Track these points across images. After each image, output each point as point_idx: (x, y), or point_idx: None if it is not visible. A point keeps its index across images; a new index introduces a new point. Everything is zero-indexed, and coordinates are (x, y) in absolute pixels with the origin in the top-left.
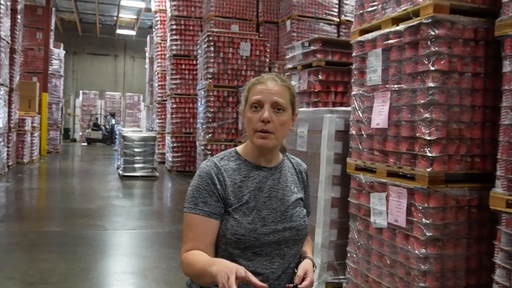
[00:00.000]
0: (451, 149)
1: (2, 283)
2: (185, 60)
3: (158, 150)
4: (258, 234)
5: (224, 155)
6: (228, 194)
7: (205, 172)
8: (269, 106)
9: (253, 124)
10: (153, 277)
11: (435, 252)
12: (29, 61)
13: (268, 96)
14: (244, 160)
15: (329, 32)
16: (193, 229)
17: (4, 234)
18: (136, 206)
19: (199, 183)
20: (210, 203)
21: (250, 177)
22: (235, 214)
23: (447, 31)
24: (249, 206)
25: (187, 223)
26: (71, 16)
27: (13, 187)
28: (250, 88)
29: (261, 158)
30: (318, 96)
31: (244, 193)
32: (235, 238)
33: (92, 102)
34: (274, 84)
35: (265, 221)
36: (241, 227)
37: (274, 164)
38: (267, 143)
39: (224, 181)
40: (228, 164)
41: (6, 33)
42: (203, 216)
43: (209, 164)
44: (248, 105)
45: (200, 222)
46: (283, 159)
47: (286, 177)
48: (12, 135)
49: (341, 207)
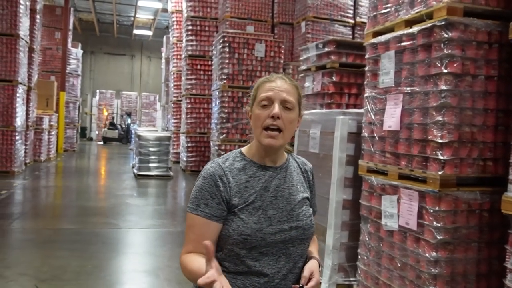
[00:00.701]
0: (463, 153)
1: (16, 279)
2: (200, 61)
3: (173, 150)
4: (264, 233)
5: (229, 156)
6: (232, 196)
7: (208, 174)
8: (278, 103)
9: (262, 121)
10: (165, 276)
11: (446, 256)
12: (47, 60)
13: (278, 93)
14: (249, 160)
15: (344, 33)
16: (194, 231)
17: (19, 231)
18: (150, 205)
19: (202, 184)
20: (211, 205)
21: (255, 177)
22: (241, 214)
23: (460, 34)
24: (255, 206)
25: (188, 223)
26: (89, 16)
27: (29, 185)
28: (258, 86)
29: (266, 158)
30: (332, 98)
31: (250, 193)
32: (241, 238)
33: (108, 101)
34: (283, 82)
35: (271, 220)
36: (247, 227)
37: (279, 164)
38: (275, 142)
39: (229, 182)
40: (233, 165)
41: (25, 33)
42: (203, 218)
43: (213, 165)
44: (256, 103)
45: (200, 224)
46: (288, 159)
47: (292, 176)
48: (30, 133)
49: (352, 209)
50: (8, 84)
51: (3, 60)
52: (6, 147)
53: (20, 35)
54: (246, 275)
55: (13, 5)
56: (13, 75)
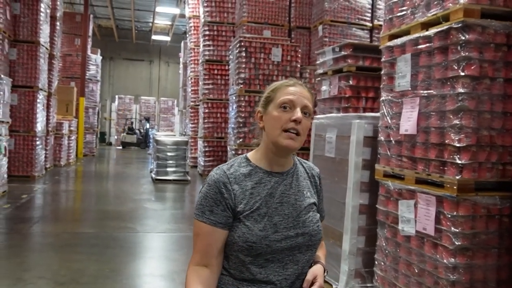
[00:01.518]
0: (482, 157)
1: (34, 282)
2: (217, 66)
3: (191, 154)
4: (269, 241)
5: (234, 162)
6: (237, 202)
7: (213, 181)
8: (300, 108)
9: (282, 123)
10: (180, 280)
11: (464, 262)
12: (67, 66)
13: (300, 98)
14: (255, 166)
15: (361, 37)
16: (201, 239)
17: (38, 234)
18: (167, 209)
19: (207, 191)
20: (216, 212)
21: (261, 183)
22: (246, 221)
23: (478, 36)
24: (260, 212)
25: (195, 231)
26: (108, 23)
27: (49, 189)
28: (277, 88)
29: (274, 164)
30: (349, 102)
31: (255, 200)
32: (246, 245)
33: (127, 106)
34: (302, 88)
35: (276, 227)
36: (252, 234)
37: (286, 169)
38: (294, 144)
39: (233, 189)
40: (238, 171)
41: (45, 40)
42: (208, 225)
43: (218, 172)
44: (275, 104)
45: (207, 232)
46: (295, 164)
47: (299, 182)
48: (50, 138)
49: (369, 214)
50: (29, 90)
51: (24, 67)
52: (27, 152)
53: (41, 42)
54: (252, 283)
55: (34, 12)
56: (34, 81)
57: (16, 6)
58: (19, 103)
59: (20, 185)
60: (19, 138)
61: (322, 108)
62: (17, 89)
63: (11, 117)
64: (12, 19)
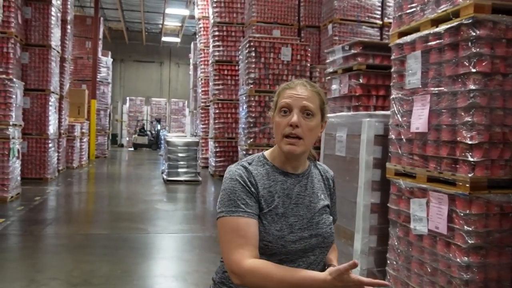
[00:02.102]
0: (494, 154)
1: (47, 283)
2: (227, 66)
3: (202, 155)
4: (285, 241)
5: (253, 160)
6: (259, 198)
7: (236, 175)
8: (298, 110)
9: (281, 129)
10: (192, 280)
11: (478, 261)
12: (78, 69)
13: (297, 100)
14: (271, 165)
15: (371, 35)
16: (242, 234)
17: (52, 236)
18: (178, 210)
19: (233, 185)
20: (251, 203)
21: (278, 181)
22: (263, 220)
23: (489, 32)
24: (278, 212)
25: (230, 228)
26: (118, 25)
27: (62, 191)
28: (280, 93)
29: (287, 165)
30: (359, 100)
31: (273, 198)
32: (262, 245)
33: (138, 108)
34: (303, 89)
35: (292, 228)
36: (269, 234)
37: (301, 171)
38: (295, 149)
39: (256, 184)
40: (257, 169)
41: (56, 43)
42: (247, 218)
43: (239, 167)
44: (277, 110)
45: (247, 225)
46: (310, 166)
47: (313, 184)
48: (62, 140)
49: (380, 213)
50: (41, 93)
51: (36, 70)
52: (39, 155)
53: (52, 45)
54: None
55: (45, 16)
56: (46, 84)
57: (27, 11)
58: (32, 106)
59: (33, 187)
60: (32, 141)
61: (332, 107)
62: (30, 92)
63: (24, 120)
64: (24, 23)
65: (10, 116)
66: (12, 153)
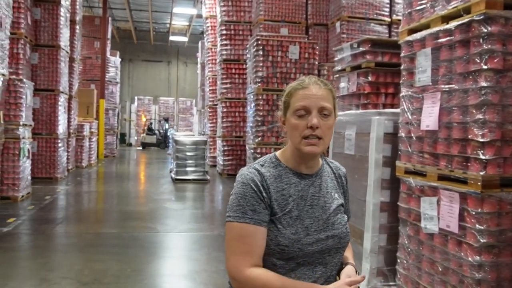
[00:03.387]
0: (507, 152)
1: (58, 282)
2: (235, 65)
3: (210, 154)
4: (302, 244)
5: (265, 161)
6: (272, 202)
7: (248, 179)
8: (316, 111)
9: (300, 131)
10: (201, 279)
11: (490, 260)
12: (87, 69)
13: (314, 101)
14: (285, 167)
15: (380, 32)
16: (246, 241)
17: (62, 235)
18: (187, 209)
19: (244, 190)
20: (259, 210)
21: (292, 183)
22: (278, 224)
23: (500, 28)
24: (292, 215)
25: (236, 234)
26: (126, 25)
27: (72, 190)
28: (291, 93)
29: (302, 166)
30: (368, 98)
31: (287, 201)
32: (278, 249)
33: (146, 107)
34: (318, 88)
35: (308, 230)
36: (284, 238)
37: (315, 171)
38: (316, 149)
39: (268, 188)
40: (269, 171)
41: (65, 43)
42: (253, 225)
43: (251, 170)
44: (292, 111)
45: (253, 232)
46: (323, 164)
47: (327, 183)
48: (72, 140)
49: (390, 212)
50: (51, 94)
51: (45, 71)
52: (49, 154)
53: (61, 45)
54: None
55: (54, 17)
56: (55, 84)
57: (36, 11)
58: (41, 106)
59: (44, 187)
60: (42, 140)
61: (341, 105)
62: (39, 92)
63: (34, 120)
64: (33, 24)
65: (20, 116)
66: (23, 152)
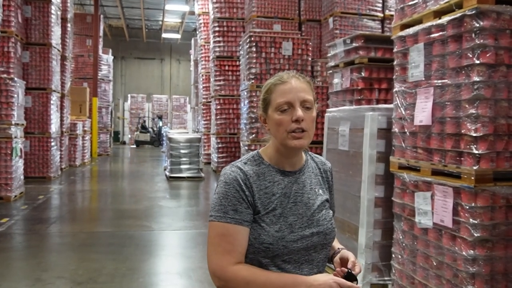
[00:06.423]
0: (499, 146)
1: (53, 282)
2: (228, 62)
3: (204, 151)
4: (286, 241)
5: (248, 159)
6: (255, 201)
7: (231, 178)
8: (299, 104)
9: (285, 126)
10: (197, 277)
11: (484, 254)
12: (79, 67)
13: (296, 95)
14: (268, 164)
15: (373, 28)
16: (229, 240)
17: (56, 234)
18: (182, 206)
19: (226, 190)
20: (241, 210)
21: (275, 182)
22: (261, 222)
23: (492, 23)
24: (276, 213)
25: (218, 233)
26: (118, 23)
27: (65, 189)
28: (271, 89)
29: (285, 163)
30: (361, 94)
31: (270, 200)
32: (263, 247)
33: (140, 105)
34: (298, 81)
35: (292, 227)
36: (268, 236)
37: (299, 167)
38: (303, 142)
39: (251, 187)
40: (252, 169)
41: (57, 42)
42: (235, 225)
43: (234, 169)
44: (274, 108)
45: (235, 232)
46: (307, 160)
47: (311, 179)
48: (65, 139)
49: (385, 207)
50: (43, 92)
51: (37, 69)
52: (42, 153)
53: (53, 44)
54: None
55: (45, 15)
56: (47, 83)
57: (27, 9)
58: (33, 105)
59: (37, 186)
60: (34, 139)
61: (334, 101)
62: (31, 91)
63: (26, 119)
64: (24, 22)
65: (12, 116)
66: (15, 152)
